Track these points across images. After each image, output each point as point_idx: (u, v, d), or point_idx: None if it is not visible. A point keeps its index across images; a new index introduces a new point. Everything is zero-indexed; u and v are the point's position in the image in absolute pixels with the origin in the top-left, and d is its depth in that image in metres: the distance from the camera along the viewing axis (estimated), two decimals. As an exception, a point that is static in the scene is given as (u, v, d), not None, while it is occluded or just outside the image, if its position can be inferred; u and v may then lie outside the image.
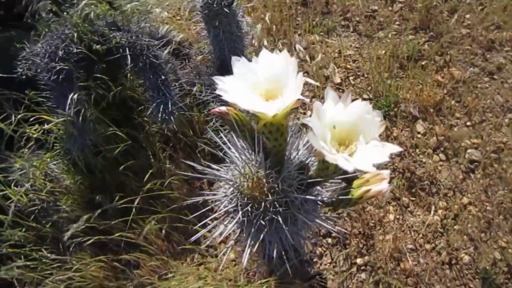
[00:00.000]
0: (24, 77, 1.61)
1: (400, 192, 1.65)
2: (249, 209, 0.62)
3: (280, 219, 0.63)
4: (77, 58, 1.58)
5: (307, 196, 0.64)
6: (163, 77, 1.68)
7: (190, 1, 2.61)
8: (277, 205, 0.63)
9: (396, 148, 0.54)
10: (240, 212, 0.62)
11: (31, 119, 1.65)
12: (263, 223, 0.62)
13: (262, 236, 0.63)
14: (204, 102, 1.80)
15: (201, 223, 0.83)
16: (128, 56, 1.60)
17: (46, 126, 1.64)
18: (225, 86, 0.55)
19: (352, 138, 0.57)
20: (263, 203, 0.62)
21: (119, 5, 1.92)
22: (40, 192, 1.69)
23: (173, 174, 1.79)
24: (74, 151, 1.68)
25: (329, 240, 1.60)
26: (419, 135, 1.78)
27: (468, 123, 1.78)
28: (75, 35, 1.56)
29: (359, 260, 1.53)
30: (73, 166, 1.82)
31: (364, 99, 1.86)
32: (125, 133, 1.73)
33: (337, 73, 2.06)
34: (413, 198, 1.64)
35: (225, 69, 1.70)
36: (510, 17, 2.12)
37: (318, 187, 0.75)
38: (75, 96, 1.54)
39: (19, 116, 1.63)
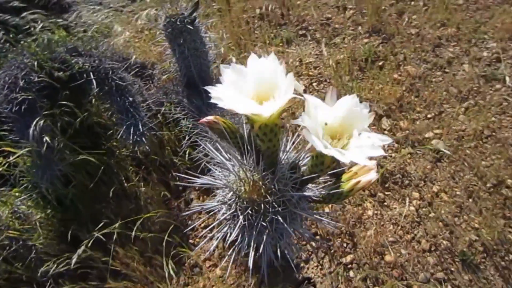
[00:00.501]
0: (-20, 112, 1.54)
1: (375, 188, 1.70)
2: (250, 212, 0.63)
3: (280, 218, 0.64)
4: (39, 86, 1.54)
5: (304, 193, 0.66)
6: (130, 98, 1.66)
7: (148, 22, 2.61)
8: (276, 205, 0.64)
9: (387, 139, 0.56)
10: (241, 216, 0.62)
11: (-6, 154, 1.57)
12: (264, 224, 0.63)
13: (264, 237, 0.64)
14: (174, 121, 1.79)
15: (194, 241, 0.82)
16: (93, 80, 1.58)
17: (11, 159, 1.56)
18: (219, 94, 0.56)
19: (343, 131, 0.59)
20: (262, 205, 0.63)
21: (77, 31, 1.89)
22: (8, 231, 1.60)
23: (148, 195, 1.76)
24: (43, 184, 1.61)
25: (313, 243, 1.62)
26: (385, 132, 1.86)
27: (429, 116, 1.88)
28: (35, 63, 1.51)
29: (344, 259, 1.56)
30: (42, 199, 1.75)
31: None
32: (95, 160, 1.68)
33: (300, 81, 2.12)
34: (388, 193, 1.70)
35: (193, 85, 1.71)
36: (452, 15, 2.28)
37: (309, 186, 0.77)
38: (40, 124, 1.49)
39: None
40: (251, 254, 0.68)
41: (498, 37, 2.12)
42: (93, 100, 1.86)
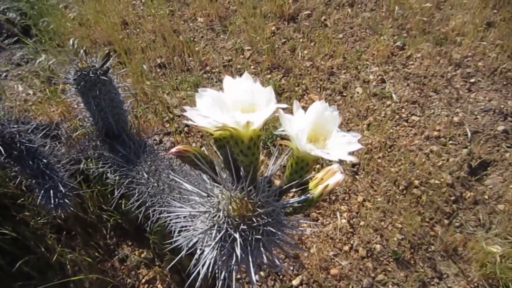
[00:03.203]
0: None
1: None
2: (243, 227, 0.64)
3: (271, 228, 0.66)
4: None
5: (290, 200, 0.69)
6: (44, 160, 1.54)
7: (42, 83, 2.46)
8: (265, 217, 0.66)
9: (358, 135, 0.64)
10: (237, 233, 0.63)
11: None
12: (258, 236, 0.64)
13: (262, 249, 0.65)
14: (95, 177, 1.69)
15: None
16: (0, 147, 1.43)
17: None
18: (203, 113, 0.57)
19: (317, 134, 0.65)
20: (253, 218, 0.64)
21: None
22: None
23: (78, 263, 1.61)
24: None
25: (262, 273, 1.63)
26: (305, 156, 1.99)
27: (339, 135, 2.07)
28: None
29: (294, 282, 1.59)
30: None
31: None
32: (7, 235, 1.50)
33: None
34: (319, 211, 1.80)
35: (113, 136, 1.65)
36: (337, 47, 2.58)
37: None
38: None
39: None
40: (252, 269, 0.68)
41: (378, 62, 2.46)
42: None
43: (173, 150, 0.71)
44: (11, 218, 1.65)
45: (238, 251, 0.61)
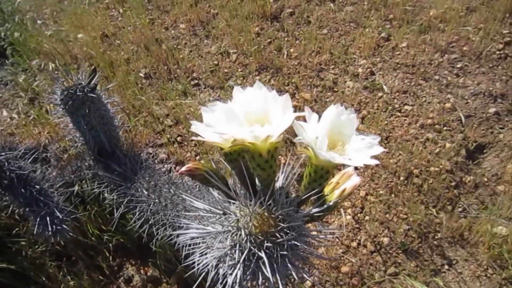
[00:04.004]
0: None
1: (310, 208, 1.77)
2: (267, 244, 0.61)
3: (296, 242, 0.63)
4: None
5: (311, 210, 0.66)
6: (37, 186, 1.48)
7: (24, 105, 2.39)
8: (288, 231, 0.63)
9: (377, 137, 0.61)
10: (262, 252, 0.60)
11: None
12: (284, 252, 0.61)
13: (289, 265, 0.62)
14: (92, 199, 1.64)
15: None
16: (-12, 176, 1.37)
17: None
18: (218, 129, 0.54)
19: (335, 140, 0.62)
20: (276, 234, 0.61)
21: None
22: None
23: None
24: None
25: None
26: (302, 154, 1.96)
27: (335, 131, 2.05)
28: None
29: (305, 284, 1.56)
30: None
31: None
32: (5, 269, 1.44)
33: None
34: (323, 209, 1.78)
35: (107, 154, 1.60)
36: (322, 43, 2.56)
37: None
38: None
39: None
40: (281, 286, 0.65)
41: (365, 55, 2.45)
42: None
43: (183, 169, 0.68)
44: (7, 250, 1.59)
45: (268, 273, 0.58)
